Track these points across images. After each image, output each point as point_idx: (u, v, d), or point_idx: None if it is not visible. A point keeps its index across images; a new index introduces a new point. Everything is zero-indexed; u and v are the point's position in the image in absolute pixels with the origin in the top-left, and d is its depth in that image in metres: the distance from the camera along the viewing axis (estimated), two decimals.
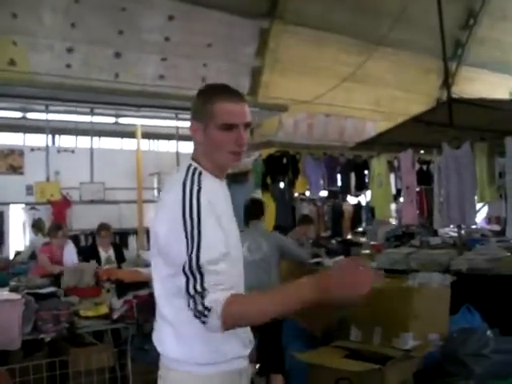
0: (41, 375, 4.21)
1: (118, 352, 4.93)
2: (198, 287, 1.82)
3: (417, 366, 4.22)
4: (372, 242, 8.01)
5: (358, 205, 10.73)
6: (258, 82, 12.87)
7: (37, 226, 9.05)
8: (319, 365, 4.38)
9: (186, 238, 1.85)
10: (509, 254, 5.94)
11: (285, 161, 9.67)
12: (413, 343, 4.19)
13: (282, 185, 9.82)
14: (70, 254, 7.17)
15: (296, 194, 10.11)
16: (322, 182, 9.64)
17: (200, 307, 1.81)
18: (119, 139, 11.72)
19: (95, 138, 10.71)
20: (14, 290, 5.22)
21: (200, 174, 2.04)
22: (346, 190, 9.84)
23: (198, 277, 1.82)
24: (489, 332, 4.22)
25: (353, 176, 9.72)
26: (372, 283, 1.84)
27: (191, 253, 1.83)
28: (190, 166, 2.09)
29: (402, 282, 4.62)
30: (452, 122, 6.59)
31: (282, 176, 9.70)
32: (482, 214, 10.79)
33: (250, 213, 5.44)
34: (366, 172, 9.32)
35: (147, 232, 10.58)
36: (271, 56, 12.89)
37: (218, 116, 2.03)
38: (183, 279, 1.84)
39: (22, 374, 4.14)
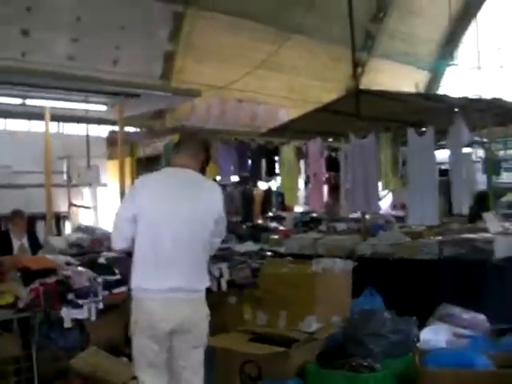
0: None
1: (24, 341, 4.82)
2: None
3: (320, 347, 4.40)
4: (281, 228, 8.18)
5: (269, 190, 10.89)
6: (171, 67, 12.74)
7: None
8: (226, 349, 4.48)
9: None
10: (409, 239, 6.25)
11: None
12: (316, 326, 4.36)
13: None
14: None
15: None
16: (232, 167, 9.69)
17: None
18: (26, 121, 11.31)
19: (0, 120, 10.31)
20: None
21: None
22: (256, 175, 9.94)
23: None
24: (386, 313, 4.44)
25: (264, 162, 9.83)
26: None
27: None
28: None
29: (306, 267, 4.77)
30: (359, 112, 6.81)
31: None
32: (387, 200, 11.23)
33: None
34: (276, 158, 9.46)
35: (57, 217, 10.34)
36: (185, 41, 12.78)
37: None
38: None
39: None
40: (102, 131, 11.74)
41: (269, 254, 6.51)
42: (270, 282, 4.74)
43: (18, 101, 9.84)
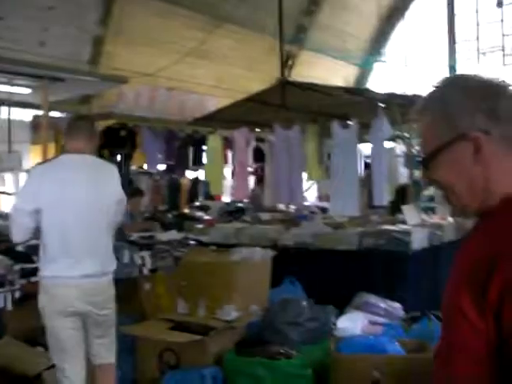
0: None
1: None
2: None
3: (239, 335, 4.43)
4: (206, 217, 8.18)
5: (196, 180, 10.85)
6: (100, 52, 12.48)
7: None
8: (145, 337, 4.46)
9: None
10: (330, 229, 6.37)
11: (123, 133, 9.52)
12: (235, 314, 4.38)
13: (119, 157, 9.66)
14: None
15: (134, 167, 10.02)
16: (159, 155, 9.61)
17: None
18: None
19: None
20: None
21: None
22: (183, 164, 9.90)
23: None
24: (304, 302, 4.52)
25: (191, 151, 9.80)
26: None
27: None
28: None
29: (226, 256, 4.79)
30: (285, 103, 6.88)
31: (120, 149, 9.55)
32: (314, 192, 11.43)
33: None
34: (204, 148, 9.44)
35: None
36: (115, 26, 12.53)
37: None
38: None
39: None
40: (26, 115, 11.37)
41: (192, 242, 6.49)
42: (190, 271, 4.73)
43: None
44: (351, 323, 4.64)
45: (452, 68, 15.51)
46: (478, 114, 1.31)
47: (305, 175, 7.48)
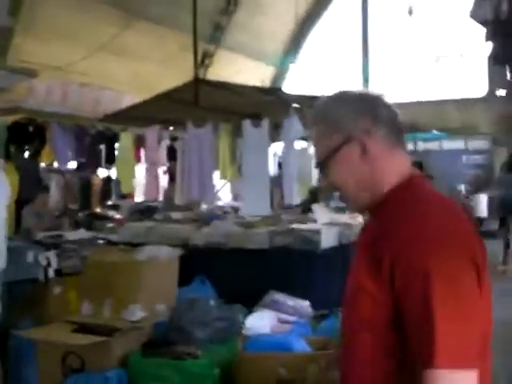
0: None
1: None
2: None
3: (146, 336, 4.34)
4: (116, 216, 8.01)
5: (108, 178, 10.61)
6: (8, 44, 11.99)
7: None
8: (46, 340, 4.30)
9: None
10: (242, 228, 6.37)
11: (31, 129, 9.18)
12: (141, 314, 4.30)
13: (26, 154, 9.31)
14: None
15: (43, 165, 9.67)
16: (70, 152, 9.32)
17: None
18: None
19: None
20: None
21: None
22: (95, 162, 9.66)
23: None
24: (212, 301, 4.49)
25: (103, 148, 9.57)
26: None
27: None
28: None
29: (131, 255, 4.70)
30: (197, 101, 6.84)
31: (28, 145, 9.20)
32: (227, 191, 11.42)
33: None
34: (116, 145, 9.24)
35: None
36: (24, 17, 12.07)
37: None
38: None
39: None
40: None
41: (101, 242, 6.33)
42: (96, 270, 4.60)
43: None
44: (260, 322, 4.64)
45: (366, 80, 15.90)
46: (360, 118, 1.50)
47: (218, 174, 7.46)
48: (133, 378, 4.03)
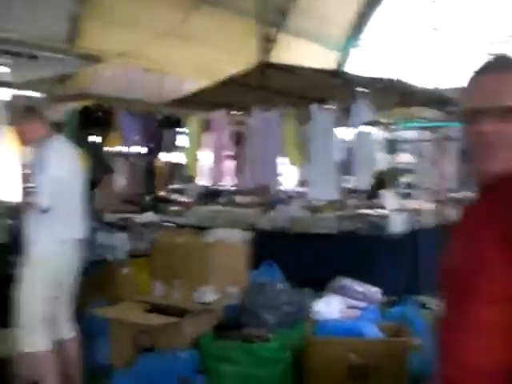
0: None
1: None
2: None
3: (217, 318, 4.38)
4: (182, 199, 8.08)
5: (172, 162, 10.71)
6: (76, 30, 12.21)
7: None
8: (119, 319, 4.38)
9: None
10: (307, 213, 6.34)
11: (100, 114, 9.34)
12: (212, 297, 4.33)
13: (95, 139, 9.48)
14: None
15: (110, 149, 9.83)
16: (136, 137, 9.44)
17: None
18: None
19: None
20: None
21: None
22: (160, 146, 9.76)
23: None
24: (281, 285, 4.48)
25: (168, 133, 9.65)
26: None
27: None
28: None
29: (201, 238, 4.73)
30: (265, 85, 6.79)
31: (96, 130, 9.36)
32: (293, 176, 11.40)
33: None
34: (181, 130, 9.30)
35: None
36: (91, 3, 12.27)
37: None
38: None
39: None
40: (3, 95, 11.13)
41: (168, 225, 6.42)
42: (165, 253, 4.65)
43: None
44: (328, 307, 4.62)
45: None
46: None
47: (286, 160, 7.40)
48: (203, 359, 4.07)
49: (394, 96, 7.18)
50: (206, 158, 7.97)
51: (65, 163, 3.92)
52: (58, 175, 3.79)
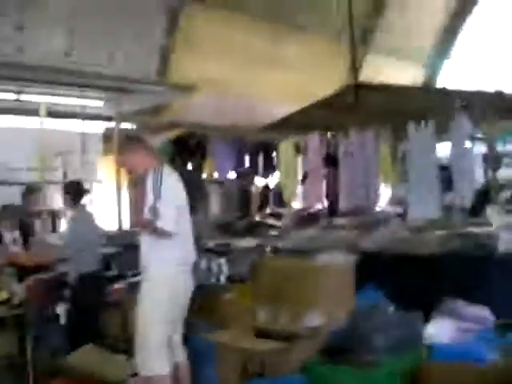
0: None
1: (19, 339, 4.74)
2: None
3: (322, 342, 4.30)
4: (279, 224, 8.07)
5: (266, 186, 10.77)
6: (167, 62, 12.60)
7: None
8: (227, 344, 4.39)
9: None
10: (409, 233, 6.16)
11: (193, 142, 9.57)
12: (319, 321, 4.26)
13: (190, 166, 9.70)
14: None
15: (204, 176, 10.02)
16: (230, 163, 9.60)
17: None
18: (21, 117, 11.16)
19: None
20: None
21: None
22: (254, 171, 9.87)
23: None
24: (391, 308, 4.36)
25: (261, 158, 9.76)
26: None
27: None
28: None
29: (307, 261, 4.68)
30: (358, 106, 6.73)
31: (190, 157, 9.60)
32: (385, 196, 11.16)
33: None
34: (274, 154, 9.37)
35: (52, 214, 10.20)
36: (181, 35, 12.64)
37: None
38: None
39: None
40: (98, 127, 11.62)
41: (267, 249, 6.42)
42: (270, 277, 4.64)
43: (13, 96, 9.74)
44: (440, 330, 4.45)
45: None
46: None
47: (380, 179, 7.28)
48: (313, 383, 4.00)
49: (494, 108, 6.92)
50: (300, 181, 7.96)
51: (178, 191, 4.12)
52: (176, 202, 3.99)
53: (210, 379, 4.59)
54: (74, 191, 5.64)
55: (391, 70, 16.33)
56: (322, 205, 8.29)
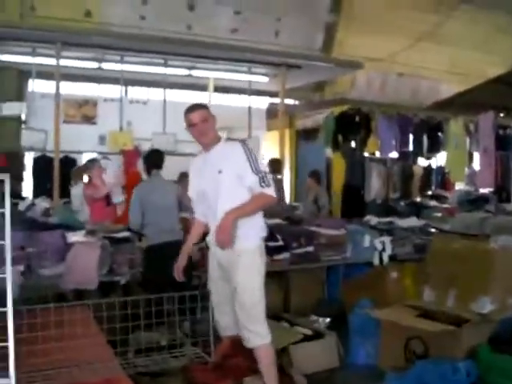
0: (113, 313, 4.23)
1: None
2: None
3: (492, 330, 4.14)
4: (444, 206, 7.81)
5: (429, 168, 10.42)
6: (332, 39, 12.58)
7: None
8: (391, 322, 4.36)
9: None
10: None
11: (357, 119, 9.47)
12: (490, 307, 4.10)
13: (353, 144, 9.62)
14: None
15: (366, 154, 9.89)
16: (394, 142, 9.39)
17: None
18: (191, 92, 11.69)
19: (167, 90, 10.74)
20: (90, 233, 5.23)
21: None
22: (417, 151, 9.58)
23: None
24: None
25: (425, 138, 9.44)
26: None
27: None
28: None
29: (481, 244, 4.49)
30: None
31: (354, 135, 9.51)
32: None
33: (151, 162, 5.57)
34: (439, 134, 9.02)
35: None
36: (346, 12, 12.54)
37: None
38: None
39: (96, 310, 4.17)
40: (262, 103, 11.89)
41: (433, 230, 6.25)
42: (439, 258, 4.53)
43: (185, 72, 10.22)
44: None
45: None
46: None
47: None
48: (482, 371, 3.87)
49: None
50: (470, 162, 7.63)
51: None
52: None
53: (370, 353, 4.60)
54: (151, 160, 5.62)
55: None
56: (492, 187, 7.88)
